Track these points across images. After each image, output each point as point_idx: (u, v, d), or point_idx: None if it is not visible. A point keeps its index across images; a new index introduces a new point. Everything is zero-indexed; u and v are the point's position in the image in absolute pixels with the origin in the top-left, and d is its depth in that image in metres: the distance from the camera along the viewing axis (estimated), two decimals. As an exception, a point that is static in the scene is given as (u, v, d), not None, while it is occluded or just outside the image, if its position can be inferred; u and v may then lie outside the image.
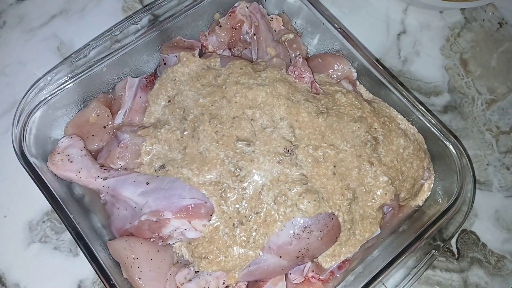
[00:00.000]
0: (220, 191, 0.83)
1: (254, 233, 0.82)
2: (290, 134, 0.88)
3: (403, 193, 0.92)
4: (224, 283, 0.84)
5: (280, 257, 0.82)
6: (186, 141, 0.88)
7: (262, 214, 0.83)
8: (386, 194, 0.87)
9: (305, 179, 0.84)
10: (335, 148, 0.88)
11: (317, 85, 0.96)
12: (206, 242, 0.83)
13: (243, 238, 0.82)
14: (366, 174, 0.88)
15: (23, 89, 0.94)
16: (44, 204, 0.97)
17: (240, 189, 0.84)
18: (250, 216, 0.83)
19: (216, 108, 0.90)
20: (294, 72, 0.96)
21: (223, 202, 0.83)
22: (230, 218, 0.83)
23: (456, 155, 0.93)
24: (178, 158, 0.87)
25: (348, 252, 0.87)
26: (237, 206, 0.83)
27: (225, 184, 0.84)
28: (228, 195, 0.83)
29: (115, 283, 0.79)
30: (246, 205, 0.83)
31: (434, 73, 1.26)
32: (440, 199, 0.96)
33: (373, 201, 0.88)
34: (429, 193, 0.99)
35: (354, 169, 0.87)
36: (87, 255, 0.80)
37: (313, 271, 0.87)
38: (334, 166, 0.86)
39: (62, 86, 0.91)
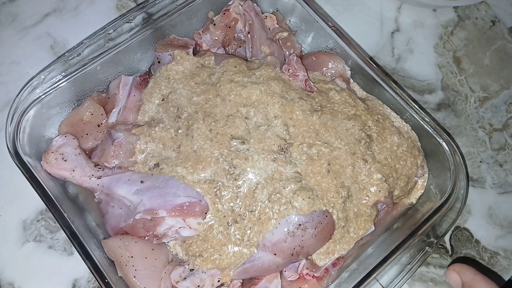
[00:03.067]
0: (214, 190, 0.83)
1: (248, 231, 0.82)
2: (284, 132, 0.88)
3: (396, 191, 0.92)
4: (219, 281, 0.84)
5: (275, 254, 0.83)
6: (180, 140, 0.88)
7: (256, 212, 0.83)
8: (380, 191, 0.88)
9: (300, 176, 0.85)
10: (329, 146, 0.88)
11: (311, 83, 0.96)
12: (200, 241, 0.83)
13: (238, 236, 0.82)
14: (360, 172, 0.88)
15: (16, 88, 0.93)
16: (38, 203, 0.97)
17: (234, 187, 0.84)
18: (245, 215, 0.83)
19: (210, 106, 0.90)
20: (288, 70, 0.97)
21: (217, 200, 0.83)
22: (224, 216, 0.83)
23: (449, 152, 0.94)
24: (173, 156, 0.87)
25: (342, 250, 0.88)
26: (232, 204, 0.83)
27: (219, 183, 0.84)
28: (223, 194, 0.83)
29: (110, 281, 0.78)
30: (240, 203, 0.83)
31: (427, 71, 1.26)
32: (433, 196, 0.97)
33: (367, 198, 0.88)
34: (422, 191, 0.99)
35: (348, 166, 0.87)
36: (82, 254, 0.80)
37: (307, 269, 0.87)
38: (329, 164, 0.87)
39: (55, 85, 0.91)
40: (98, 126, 0.95)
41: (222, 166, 0.85)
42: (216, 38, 1.04)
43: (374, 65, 0.99)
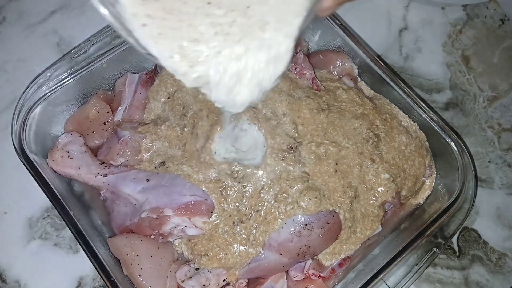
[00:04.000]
0: (220, 189, 0.83)
1: (254, 231, 0.82)
2: (293, 131, 0.87)
3: (404, 191, 0.92)
4: (224, 280, 0.83)
5: (281, 254, 0.82)
6: (186, 138, 0.87)
7: (262, 212, 0.82)
8: (387, 191, 0.87)
9: (307, 176, 0.84)
10: (337, 145, 0.87)
11: (318, 81, 0.95)
12: (206, 240, 0.82)
13: (243, 236, 0.82)
14: (368, 172, 0.87)
15: (22, 85, 0.93)
16: (44, 200, 0.97)
17: (240, 187, 0.83)
18: (250, 214, 0.82)
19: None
20: (295, 68, 0.96)
21: (223, 199, 0.83)
22: (230, 216, 0.82)
23: (457, 152, 0.93)
24: (178, 154, 0.87)
25: (348, 250, 0.87)
26: (237, 204, 0.83)
27: (225, 182, 0.83)
28: (229, 193, 0.83)
29: (116, 280, 0.78)
30: (246, 203, 0.83)
31: (435, 70, 1.25)
32: (441, 197, 0.96)
33: (374, 198, 0.88)
34: (430, 191, 0.98)
35: (355, 166, 0.87)
36: (87, 252, 0.80)
37: (313, 269, 0.87)
38: (336, 164, 0.86)
39: (61, 82, 0.91)
40: (104, 124, 0.94)
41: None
42: (223, 36, 1.04)
43: (382, 64, 0.98)
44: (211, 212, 0.82)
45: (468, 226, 1.10)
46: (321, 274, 0.87)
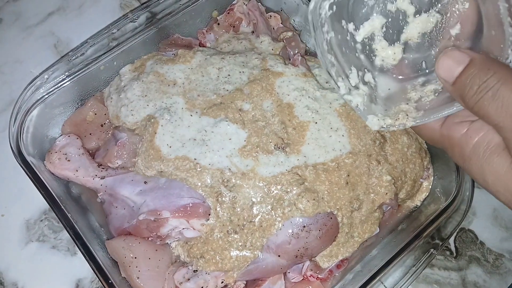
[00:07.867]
0: (215, 194, 0.83)
1: (250, 238, 0.82)
2: (282, 131, 0.87)
3: (402, 194, 0.91)
4: (222, 282, 0.83)
5: (279, 256, 0.82)
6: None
7: (256, 221, 0.82)
8: (386, 193, 0.86)
9: (301, 179, 0.83)
10: (353, 155, 0.86)
11: (316, 83, 0.96)
12: (201, 243, 0.82)
13: (239, 243, 0.82)
14: (373, 175, 0.87)
15: (20, 87, 0.93)
16: (41, 203, 0.97)
17: (232, 197, 0.82)
18: (244, 224, 0.82)
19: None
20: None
21: (218, 205, 0.82)
22: (223, 225, 0.82)
23: (454, 153, 0.93)
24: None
25: (346, 252, 0.87)
26: (230, 214, 0.82)
27: (220, 188, 0.83)
28: (223, 199, 0.82)
29: (113, 282, 0.78)
30: (239, 212, 0.82)
31: (432, 71, 1.25)
32: (438, 198, 0.96)
33: (373, 202, 0.87)
34: (427, 193, 0.98)
35: (364, 174, 0.85)
36: (85, 255, 0.80)
37: (311, 270, 0.87)
38: (348, 175, 0.85)
39: (59, 85, 0.91)
40: (102, 126, 0.94)
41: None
42: (220, 37, 1.04)
43: (379, 65, 0.98)
44: (209, 215, 0.82)
45: (465, 227, 1.10)
46: (319, 276, 0.87)
